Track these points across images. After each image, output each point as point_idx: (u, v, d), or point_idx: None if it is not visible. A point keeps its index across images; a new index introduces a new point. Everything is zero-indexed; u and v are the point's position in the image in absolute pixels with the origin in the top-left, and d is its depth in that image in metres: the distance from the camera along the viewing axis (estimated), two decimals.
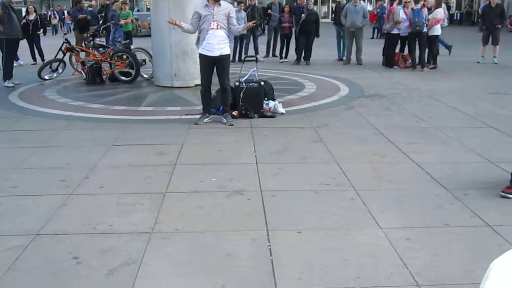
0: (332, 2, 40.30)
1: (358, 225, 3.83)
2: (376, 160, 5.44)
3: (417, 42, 12.44)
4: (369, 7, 31.40)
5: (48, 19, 29.37)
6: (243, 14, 13.79)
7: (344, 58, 14.17)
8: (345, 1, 14.87)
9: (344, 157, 5.45)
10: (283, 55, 14.54)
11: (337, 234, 3.69)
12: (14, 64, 11.45)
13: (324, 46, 15.96)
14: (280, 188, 4.60)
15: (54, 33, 29.84)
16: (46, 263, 3.32)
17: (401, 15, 12.48)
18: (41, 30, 15.00)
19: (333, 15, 16.63)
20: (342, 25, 13.96)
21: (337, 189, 4.57)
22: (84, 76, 10.89)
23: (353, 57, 13.80)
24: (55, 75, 11.37)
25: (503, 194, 4.35)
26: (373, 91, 9.52)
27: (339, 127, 6.93)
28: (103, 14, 14.96)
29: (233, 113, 7.25)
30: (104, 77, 10.82)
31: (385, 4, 21.48)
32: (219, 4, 6.72)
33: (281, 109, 7.62)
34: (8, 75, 10.58)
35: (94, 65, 10.70)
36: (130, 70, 10.68)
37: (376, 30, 23.14)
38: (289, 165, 5.26)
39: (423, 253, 3.39)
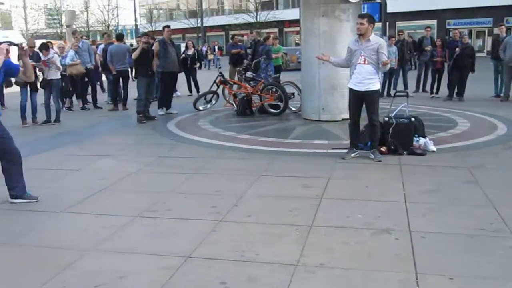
0: (489, 35, 38.18)
1: None
2: None
3: None
4: None
5: (204, 54, 31.30)
6: (394, 48, 13.62)
7: (502, 94, 13.27)
8: (504, 34, 14.02)
9: (502, 201, 5.05)
10: (434, 90, 14.01)
11: (494, 284, 3.41)
12: (173, 95, 12.36)
13: (479, 82, 15.08)
14: (431, 229, 4.38)
15: (208, 67, 31.64)
16: (196, 286, 3.47)
17: None
18: (198, 64, 16.06)
19: (489, 49, 15.71)
20: (501, 60, 13.13)
21: (494, 236, 4.23)
22: (235, 107, 11.41)
23: None
24: (208, 106, 12.06)
25: None
26: None
27: (496, 168, 6.47)
28: (253, 49, 15.59)
29: (382, 149, 7.10)
30: (254, 109, 11.25)
31: None
32: (369, 39, 6.69)
33: (432, 147, 7.30)
34: (162, 104, 11.50)
35: (245, 98, 11.17)
36: (279, 103, 10.99)
37: None
38: (441, 206, 4.99)
39: None
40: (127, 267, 3.76)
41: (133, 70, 14.24)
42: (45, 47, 10.80)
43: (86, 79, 13.19)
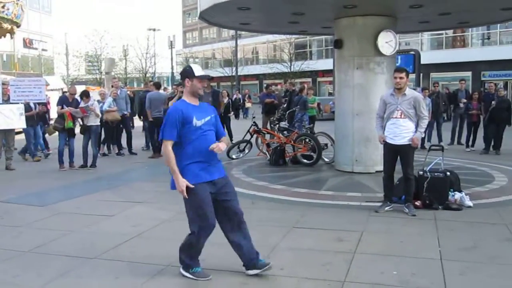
0: None
1: None
2: None
3: None
4: None
5: (241, 102, 31.62)
6: (428, 100, 13.57)
7: None
8: None
9: None
10: (470, 143, 13.83)
11: None
12: None
13: None
14: None
15: (245, 115, 31.71)
16: None
17: None
18: (232, 112, 16.29)
19: None
20: None
21: None
22: (268, 157, 11.46)
23: None
24: (241, 155, 12.14)
25: None
26: None
27: None
28: (288, 99, 15.71)
29: (416, 203, 6.99)
30: (287, 159, 11.27)
31: None
32: (405, 93, 6.71)
33: (468, 202, 7.16)
34: None
35: (278, 147, 11.22)
36: (312, 154, 10.99)
37: None
38: (478, 265, 4.86)
39: None
40: None
41: None
42: (85, 95, 11.14)
43: (121, 126, 13.48)
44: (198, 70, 4.43)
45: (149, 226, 6.29)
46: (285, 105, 15.11)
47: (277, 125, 12.12)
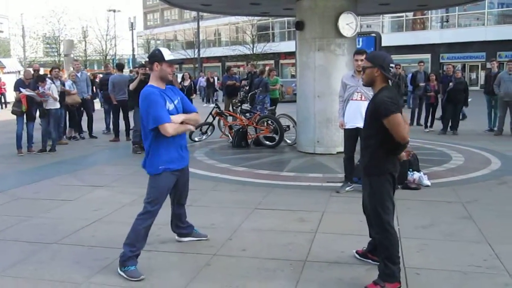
0: (482, 69, 38.63)
1: None
2: None
3: None
4: None
5: (217, 85, 31.05)
6: None
7: (496, 128, 13.39)
8: (496, 69, 14.22)
9: (496, 237, 5.05)
10: (428, 124, 14.12)
11: None
12: None
13: (473, 116, 15.24)
14: (425, 265, 4.37)
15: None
16: None
17: None
18: (194, 95, 16.16)
19: (483, 83, 15.93)
20: (494, 94, 13.28)
21: (489, 272, 4.23)
22: (231, 139, 11.46)
23: (507, 128, 12.98)
24: (204, 137, 12.11)
25: None
26: None
27: (490, 203, 6.48)
28: (249, 81, 15.71)
29: None
30: (249, 141, 11.29)
31: None
32: None
33: (426, 181, 7.34)
34: None
35: (241, 130, 11.23)
36: (274, 135, 11.04)
37: None
38: (435, 242, 5.00)
39: None
40: None
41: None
42: (41, 79, 10.90)
43: (82, 109, 13.24)
44: (167, 54, 4.29)
45: (110, 210, 6.24)
46: (247, 87, 15.09)
47: (239, 107, 12.11)
